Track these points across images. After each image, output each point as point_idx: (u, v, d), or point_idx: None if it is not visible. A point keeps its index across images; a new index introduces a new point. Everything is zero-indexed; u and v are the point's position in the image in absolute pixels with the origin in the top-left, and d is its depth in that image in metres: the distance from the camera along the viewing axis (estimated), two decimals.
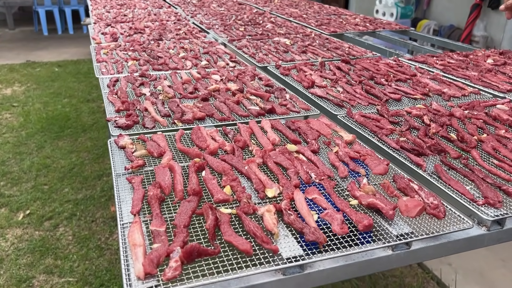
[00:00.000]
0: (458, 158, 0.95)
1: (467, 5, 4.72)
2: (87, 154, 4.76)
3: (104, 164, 4.51)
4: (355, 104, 1.28)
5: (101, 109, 5.90)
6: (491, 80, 1.50)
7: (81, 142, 5.10)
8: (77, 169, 4.27)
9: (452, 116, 1.17)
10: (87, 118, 5.69)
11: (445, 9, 5.11)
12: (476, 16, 4.56)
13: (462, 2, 4.87)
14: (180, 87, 1.36)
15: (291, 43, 2.06)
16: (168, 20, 2.56)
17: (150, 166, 0.89)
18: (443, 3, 5.16)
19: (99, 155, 4.67)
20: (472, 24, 4.55)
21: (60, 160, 4.36)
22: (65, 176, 4.08)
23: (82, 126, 5.42)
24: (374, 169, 0.89)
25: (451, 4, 5.01)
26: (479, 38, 4.52)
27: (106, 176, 4.21)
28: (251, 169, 0.87)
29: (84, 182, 4.16)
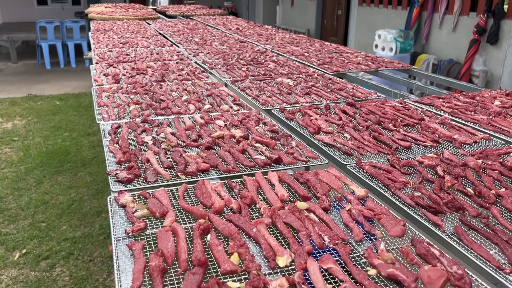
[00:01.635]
0: (478, 216, 0.89)
1: (465, 40, 4.78)
2: (86, 189, 4.69)
3: (103, 200, 4.44)
4: (364, 153, 1.24)
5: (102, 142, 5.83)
6: (501, 125, 1.47)
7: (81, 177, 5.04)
8: (75, 205, 4.20)
9: (466, 166, 1.13)
10: (87, 152, 5.65)
11: (444, 44, 5.17)
12: (475, 51, 4.61)
13: (460, 37, 4.94)
14: (183, 134, 1.33)
15: (294, 83, 2.04)
16: (170, 59, 2.56)
17: (152, 229, 0.84)
18: (441, 38, 5.23)
19: (98, 190, 4.60)
20: (472, 59, 4.60)
21: (59, 196, 4.29)
22: (63, 213, 4.00)
23: (82, 161, 5.37)
24: (390, 231, 0.83)
25: (450, 39, 5.07)
26: (479, 73, 4.54)
27: (105, 213, 4.12)
28: (260, 232, 0.81)
29: (83, 219, 4.08)
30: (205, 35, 3.66)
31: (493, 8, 4.49)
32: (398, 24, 5.83)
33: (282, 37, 3.67)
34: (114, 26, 4.17)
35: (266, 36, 3.66)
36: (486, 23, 4.54)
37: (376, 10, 6.45)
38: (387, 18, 6.14)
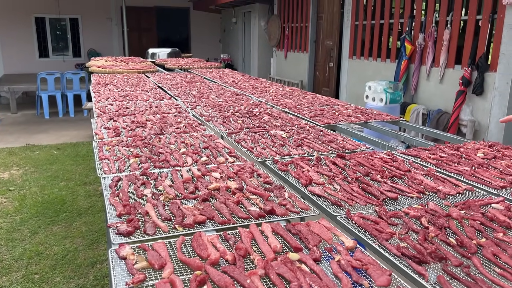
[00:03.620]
0: (460, 266, 0.95)
1: (452, 91, 4.98)
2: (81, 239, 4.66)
3: (98, 250, 4.40)
4: (353, 204, 1.30)
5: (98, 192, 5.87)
6: (484, 176, 1.54)
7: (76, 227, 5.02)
8: (70, 256, 4.16)
9: (450, 216, 1.19)
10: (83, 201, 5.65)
11: (432, 94, 5.38)
12: (462, 101, 4.79)
13: (447, 88, 5.15)
14: (181, 187, 1.39)
15: (287, 135, 2.14)
16: (169, 112, 2.67)
17: (151, 280, 0.88)
18: (429, 89, 5.44)
19: (93, 240, 4.57)
20: (459, 109, 4.77)
21: (53, 247, 4.26)
22: (57, 264, 3.96)
23: (77, 210, 5.36)
24: (377, 281, 0.88)
25: (438, 90, 5.28)
26: (467, 122, 4.70)
27: (100, 264, 4.08)
28: (254, 283, 0.86)
29: (77, 270, 4.03)
30: (202, 88, 3.82)
31: (476, 61, 4.73)
32: (388, 76, 6.08)
33: (276, 89, 3.83)
34: (114, 79, 4.34)
35: (261, 89, 3.82)
36: (471, 75, 4.75)
37: (366, 62, 6.73)
38: (377, 70, 6.40)
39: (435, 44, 5.30)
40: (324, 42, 8.26)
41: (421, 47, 5.50)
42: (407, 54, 5.66)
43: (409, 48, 5.61)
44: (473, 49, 4.80)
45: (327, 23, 8.08)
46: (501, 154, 1.83)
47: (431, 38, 5.32)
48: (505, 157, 1.79)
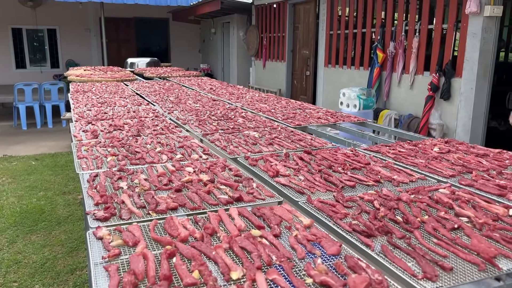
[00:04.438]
0: (403, 238, 1.07)
1: (422, 97, 5.19)
2: (60, 247, 4.66)
3: (78, 257, 4.41)
4: (314, 191, 1.42)
5: (77, 201, 5.87)
6: (436, 167, 1.69)
7: (55, 235, 5.00)
8: (49, 263, 4.16)
9: (400, 200, 1.32)
10: (62, 210, 5.63)
11: (403, 100, 5.59)
12: (431, 106, 5.01)
13: (417, 94, 5.36)
14: (156, 180, 1.49)
15: (259, 136, 2.25)
16: (146, 116, 2.76)
17: (126, 255, 0.98)
18: (401, 95, 5.66)
19: (73, 248, 4.58)
20: (428, 113, 4.98)
21: (32, 255, 4.25)
22: (36, 272, 3.96)
23: (57, 219, 5.34)
24: (328, 250, 1.00)
25: (408, 96, 5.50)
26: (436, 126, 4.91)
27: (80, 270, 4.09)
28: (218, 254, 0.96)
29: (56, 277, 4.04)
30: (180, 94, 3.91)
31: (443, 67, 4.97)
32: (361, 83, 6.29)
33: (252, 95, 3.95)
34: (92, 87, 4.40)
35: (237, 95, 3.94)
36: (439, 81, 4.98)
37: (340, 70, 6.94)
38: (351, 77, 6.61)
39: (405, 52, 5.53)
40: (301, 52, 8.46)
41: (392, 55, 5.73)
42: (379, 62, 5.88)
43: (381, 56, 5.83)
44: (440, 56, 5.04)
45: (303, 33, 8.29)
46: (455, 148, 1.98)
47: (401, 46, 5.55)
48: (459, 151, 1.94)
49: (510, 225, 1.16)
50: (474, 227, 1.15)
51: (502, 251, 1.01)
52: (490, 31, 4.48)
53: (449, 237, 1.08)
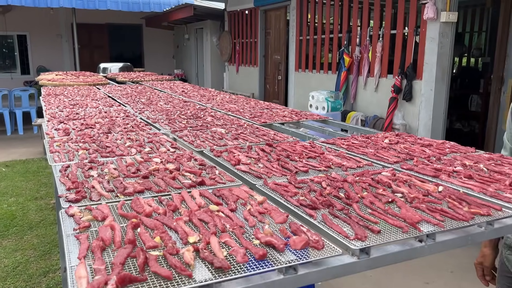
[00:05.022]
0: (342, 210, 1.23)
1: (386, 98, 5.45)
2: (33, 251, 4.66)
3: (51, 260, 4.43)
4: (271, 176, 1.57)
5: (50, 206, 5.85)
6: (383, 155, 1.86)
7: (27, 239, 5.00)
8: (21, 267, 4.17)
9: (345, 181, 1.48)
10: (34, 215, 5.61)
11: (369, 102, 5.84)
12: (394, 107, 5.26)
13: (382, 96, 5.62)
14: (124, 169, 1.60)
15: (226, 132, 2.39)
16: (117, 116, 2.86)
17: (95, 228, 1.09)
18: (366, 97, 5.91)
19: (45, 251, 4.59)
20: (392, 114, 5.23)
21: (3, 260, 4.25)
22: (8, 276, 3.97)
23: (28, 224, 5.33)
24: (276, 219, 1.14)
25: (373, 98, 5.75)
26: (399, 126, 5.16)
27: (52, 273, 4.12)
28: (178, 224, 1.09)
29: (29, 280, 4.06)
30: (152, 96, 4.01)
31: (405, 70, 5.23)
32: (330, 86, 6.52)
33: (223, 97, 4.09)
34: (65, 91, 4.44)
35: (208, 97, 4.07)
36: (401, 83, 5.25)
37: (310, 74, 7.17)
38: (320, 81, 6.84)
39: (370, 56, 5.79)
40: (273, 57, 8.67)
41: (357, 59, 5.98)
42: (345, 66, 6.12)
43: (347, 60, 6.08)
44: (402, 60, 5.31)
45: (275, 38, 8.50)
46: (404, 140, 2.17)
47: (366, 51, 5.81)
48: (406, 142, 2.13)
49: (437, 198, 1.33)
50: (406, 200, 1.31)
51: (425, 218, 1.18)
52: (446, 35, 4.77)
53: (383, 208, 1.24)
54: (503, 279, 1.99)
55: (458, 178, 1.54)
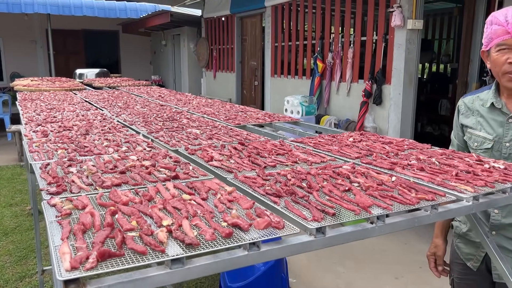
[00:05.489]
0: (304, 197, 1.36)
1: (357, 102, 5.66)
2: (8, 257, 4.64)
3: (27, 265, 4.43)
4: (241, 170, 1.69)
5: (25, 212, 5.81)
6: (347, 151, 2.01)
7: (2, 246, 4.97)
8: None
9: (309, 174, 1.62)
10: (9, 222, 5.58)
11: (341, 106, 6.04)
12: (365, 111, 5.47)
13: (353, 100, 5.83)
14: (102, 166, 1.69)
15: (201, 132, 2.50)
16: (94, 119, 2.93)
17: (76, 215, 1.19)
18: (339, 102, 6.11)
19: (21, 257, 4.58)
20: (363, 117, 5.44)
21: None
22: None
23: (3, 230, 5.30)
24: (243, 206, 1.26)
25: (346, 103, 5.95)
26: (370, 129, 5.37)
27: (29, 277, 4.13)
28: (153, 211, 1.20)
29: (5, 285, 4.06)
30: (129, 101, 4.09)
31: (375, 75, 5.46)
32: (304, 91, 6.71)
33: (199, 101, 4.20)
34: (41, 96, 4.46)
35: (185, 101, 4.17)
36: (371, 88, 5.46)
37: (285, 80, 7.34)
38: (295, 86, 7.02)
39: (342, 62, 6.00)
40: (249, 63, 8.82)
41: (330, 65, 6.18)
42: (319, 71, 6.32)
43: (321, 66, 6.28)
44: (372, 65, 5.53)
45: (251, 45, 8.66)
46: (367, 138, 2.33)
47: (338, 57, 6.02)
48: (369, 140, 2.29)
49: (390, 187, 1.48)
50: (361, 189, 1.45)
51: (377, 202, 1.32)
52: (413, 42, 5.01)
53: (340, 195, 1.38)
54: (455, 266, 2.16)
55: (411, 170, 1.70)
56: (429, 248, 2.27)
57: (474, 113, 2.02)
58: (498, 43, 1.77)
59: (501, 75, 1.81)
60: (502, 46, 1.76)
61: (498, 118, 1.93)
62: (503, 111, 1.91)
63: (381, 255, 4.72)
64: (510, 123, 1.90)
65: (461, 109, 2.09)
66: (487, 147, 1.97)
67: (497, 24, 1.76)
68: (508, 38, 1.72)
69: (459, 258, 2.12)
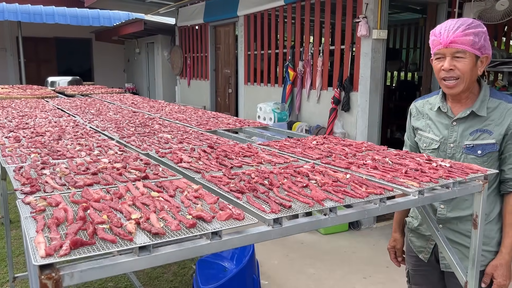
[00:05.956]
0: (264, 193, 1.47)
1: (327, 109, 5.85)
2: None
3: None
4: (209, 171, 1.79)
5: None
6: (309, 153, 2.15)
7: None
8: None
9: (271, 173, 1.74)
10: None
11: (312, 113, 6.23)
12: (334, 117, 5.67)
13: (323, 107, 6.02)
14: (75, 168, 1.77)
15: (172, 137, 2.59)
16: (67, 125, 2.98)
17: (50, 212, 1.27)
18: (310, 108, 6.30)
19: None
20: (332, 123, 5.63)
21: None
22: None
23: None
24: (208, 201, 1.37)
25: (316, 109, 6.14)
26: (339, 134, 5.56)
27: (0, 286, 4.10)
28: (123, 206, 1.29)
29: None
30: (102, 108, 4.13)
31: (343, 83, 5.66)
32: (277, 98, 6.87)
33: (172, 108, 4.28)
34: (12, 103, 4.45)
35: (158, 108, 4.24)
36: (340, 95, 5.67)
37: (258, 87, 7.50)
38: (268, 94, 7.18)
39: (312, 70, 6.20)
40: (223, 70, 8.94)
41: (301, 73, 6.37)
42: (290, 79, 6.50)
43: (292, 74, 6.46)
44: (340, 73, 5.74)
45: (224, 53, 8.79)
46: (329, 141, 2.48)
47: (308, 65, 6.21)
48: (331, 142, 2.44)
49: (344, 183, 1.62)
50: (318, 185, 1.59)
51: (330, 196, 1.45)
52: (378, 51, 5.25)
53: (297, 191, 1.50)
54: (409, 258, 2.33)
55: (366, 168, 1.85)
56: (389, 242, 2.43)
57: (424, 116, 2.20)
58: (435, 52, 1.98)
59: (439, 81, 2.01)
60: (438, 55, 2.00)
61: (444, 121, 2.12)
62: (448, 115, 2.10)
63: (350, 256, 4.89)
64: (454, 126, 2.08)
65: (413, 112, 2.27)
66: (434, 147, 2.14)
67: (434, 35, 1.97)
68: (441, 47, 1.93)
69: (412, 251, 2.28)
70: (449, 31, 1.92)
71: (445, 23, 1.95)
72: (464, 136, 2.06)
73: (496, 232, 2.09)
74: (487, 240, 2.08)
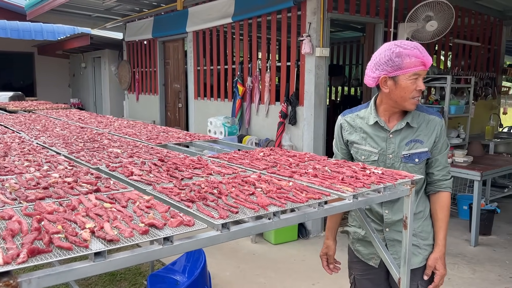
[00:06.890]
0: (214, 201, 1.58)
1: (275, 123, 6.06)
2: None
3: None
4: (160, 183, 1.87)
5: None
6: (255, 164, 2.28)
7: None
8: None
9: (221, 183, 1.85)
10: None
11: (261, 127, 6.42)
12: (282, 130, 5.88)
13: (271, 121, 6.23)
14: (25, 183, 1.78)
15: (122, 151, 2.64)
16: (12, 142, 2.92)
17: (4, 225, 1.30)
18: (259, 122, 6.48)
19: None
20: (280, 136, 5.84)
21: None
22: None
23: None
24: (159, 210, 1.46)
25: (265, 123, 6.34)
26: (287, 147, 5.77)
27: None
28: (77, 217, 1.35)
29: None
30: (48, 124, 4.06)
31: (290, 98, 5.91)
32: (227, 113, 7.01)
33: (121, 123, 4.28)
34: None
35: (106, 123, 4.23)
36: (287, 109, 5.90)
37: (208, 102, 7.60)
38: (218, 108, 7.31)
39: (260, 85, 6.41)
40: (173, 85, 8.97)
41: (250, 88, 6.57)
42: (240, 94, 6.67)
43: (241, 89, 6.64)
44: (287, 89, 5.99)
45: (174, 68, 8.84)
46: (275, 153, 2.63)
47: (256, 80, 6.42)
48: (277, 154, 2.59)
49: (287, 190, 1.76)
50: (263, 193, 1.72)
51: (273, 202, 1.59)
52: (321, 68, 5.54)
53: (244, 198, 1.63)
54: (355, 265, 2.51)
55: (307, 176, 2.01)
56: (321, 249, 2.61)
57: (357, 130, 2.41)
58: (416, 72, 2.02)
59: (407, 99, 2.13)
60: (416, 75, 2.03)
61: (381, 134, 2.33)
62: (385, 128, 2.31)
63: (300, 264, 5.06)
64: (391, 138, 2.30)
65: (344, 127, 2.46)
66: (374, 159, 2.35)
67: (414, 56, 1.99)
68: (423, 68, 2.03)
69: (358, 258, 2.46)
70: (425, 52, 2.01)
71: (412, 44, 2.04)
72: (401, 147, 2.28)
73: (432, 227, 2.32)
74: (426, 235, 2.32)
